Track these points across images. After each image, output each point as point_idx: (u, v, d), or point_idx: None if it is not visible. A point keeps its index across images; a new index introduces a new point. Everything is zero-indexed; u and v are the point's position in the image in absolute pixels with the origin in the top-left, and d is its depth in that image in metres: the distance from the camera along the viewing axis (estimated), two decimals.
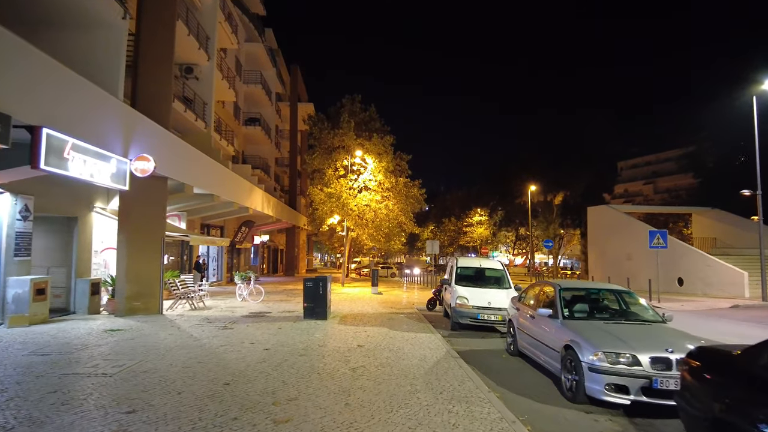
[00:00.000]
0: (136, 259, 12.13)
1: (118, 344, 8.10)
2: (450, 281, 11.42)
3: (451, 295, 10.71)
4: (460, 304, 10.23)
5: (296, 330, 9.89)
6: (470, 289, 10.70)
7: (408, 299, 18.54)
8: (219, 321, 11.20)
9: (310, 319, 11.38)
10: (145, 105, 12.12)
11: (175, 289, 13.79)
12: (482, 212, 51.28)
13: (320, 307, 11.42)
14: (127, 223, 12.12)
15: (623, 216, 27.02)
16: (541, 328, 6.66)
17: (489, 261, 12.31)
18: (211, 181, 16.57)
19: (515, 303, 8.49)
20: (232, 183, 19.35)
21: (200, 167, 15.58)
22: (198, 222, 21.20)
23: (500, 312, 10.03)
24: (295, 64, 42.79)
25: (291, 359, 7.09)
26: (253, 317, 11.97)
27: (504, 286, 11.23)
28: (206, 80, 20.12)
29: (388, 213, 26.21)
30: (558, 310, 6.37)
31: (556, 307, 6.45)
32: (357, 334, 9.50)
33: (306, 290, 11.44)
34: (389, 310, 14.05)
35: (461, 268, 11.69)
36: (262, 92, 31.47)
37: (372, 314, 12.99)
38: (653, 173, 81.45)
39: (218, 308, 14.08)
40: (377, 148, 25.89)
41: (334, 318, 11.93)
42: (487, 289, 10.85)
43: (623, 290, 7.14)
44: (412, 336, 9.39)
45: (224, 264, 26.00)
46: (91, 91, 9.09)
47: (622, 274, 26.07)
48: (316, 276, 11.62)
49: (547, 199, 42.66)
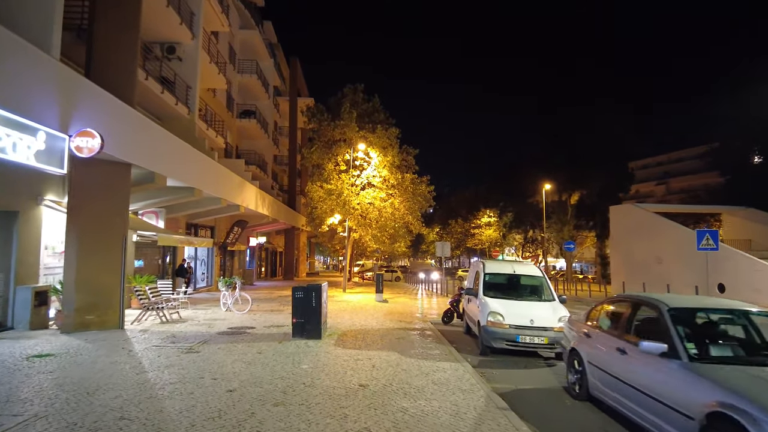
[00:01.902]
0: (89, 263, 9.88)
1: (28, 381, 5.82)
2: (476, 291, 9.08)
3: (480, 310, 8.38)
4: (493, 322, 7.89)
5: (279, 356, 7.59)
6: (504, 302, 8.35)
7: (419, 309, 16.19)
8: (187, 340, 8.92)
9: (299, 338, 9.08)
10: (102, 75, 9.89)
11: (143, 297, 11.54)
12: (491, 213, 48.79)
13: (313, 322, 9.12)
14: (77, 219, 9.87)
15: (652, 215, 24.59)
16: (641, 370, 4.36)
17: (524, 266, 9.95)
18: (191, 173, 14.33)
19: (576, 325, 6.17)
20: (219, 177, 17.11)
21: (177, 155, 13.34)
22: (182, 221, 18.96)
23: (545, 333, 7.71)
24: (295, 57, 40.61)
25: (260, 413, 4.79)
26: (231, 334, 9.68)
27: (546, 298, 8.88)
28: (190, 61, 17.90)
29: (394, 212, 23.84)
30: (677, 346, 4.04)
31: (670, 339, 4.12)
32: (358, 363, 7.19)
33: (295, 302, 9.14)
34: (398, 325, 11.72)
35: (490, 275, 9.33)
36: (257, 83, 29.28)
37: (377, 330, 10.67)
38: (665, 173, 79.35)
39: (195, 321, 11.81)
40: (381, 141, 23.52)
41: (331, 336, 9.62)
42: (525, 303, 8.52)
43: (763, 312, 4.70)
44: (432, 367, 7.06)
45: (215, 268, 23.72)
46: (9, 42, 6.85)
47: (650, 279, 23.67)
48: (307, 284, 9.30)
49: (562, 198, 40.23)
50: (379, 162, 23.57)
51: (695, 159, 66.86)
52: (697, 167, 65.00)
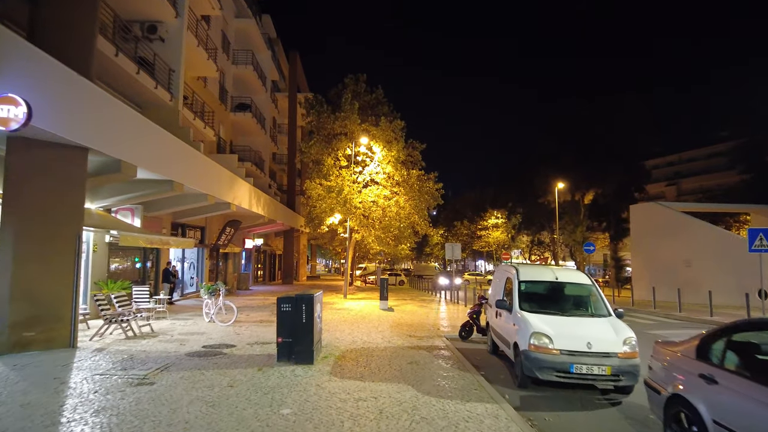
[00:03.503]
0: (28, 268, 8.06)
1: None
2: (508, 304, 7.16)
3: (518, 330, 6.48)
4: (537, 346, 5.97)
5: (256, 392, 5.72)
6: (550, 319, 6.42)
7: (429, 319, 14.29)
8: (146, 364, 7.07)
9: (286, 362, 7.19)
10: (47, 38, 8.10)
11: (104, 307, 9.71)
12: (498, 214, 46.76)
13: (303, 343, 7.23)
14: (14, 213, 8.03)
15: (680, 215, 22.61)
16: None
17: (568, 271, 7.99)
18: (170, 164, 12.52)
19: (670, 355, 4.29)
20: (206, 171, 15.29)
21: (151, 143, 11.52)
22: (167, 220, 17.13)
23: (608, 361, 5.80)
24: (295, 51, 38.85)
25: None
26: (202, 356, 7.81)
27: (599, 312, 6.95)
28: (174, 42, 16.11)
29: (399, 211, 21.92)
30: None
31: None
32: (360, 406, 5.31)
33: (281, 317, 7.26)
34: (408, 341, 9.83)
35: (526, 284, 7.29)
36: (253, 75, 27.50)
37: (384, 350, 8.78)
38: (675, 174, 77.47)
39: (167, 335, 9.96)
40: (386, 134, 21.65)
41: (326, 359, 7.72)
42: (576, 320, 6.59)
43: None
44: (462, 412, 5.18)
45: (206, 271, 21.86)
46: None
47: (677, 283, 21.66)
48: (297, 294, 7.40)
49: (575, 198, 38.19)
50: (383, 157, 21.71)
51: (709, 158, 65.03)
52: (710, 167, 63.13)
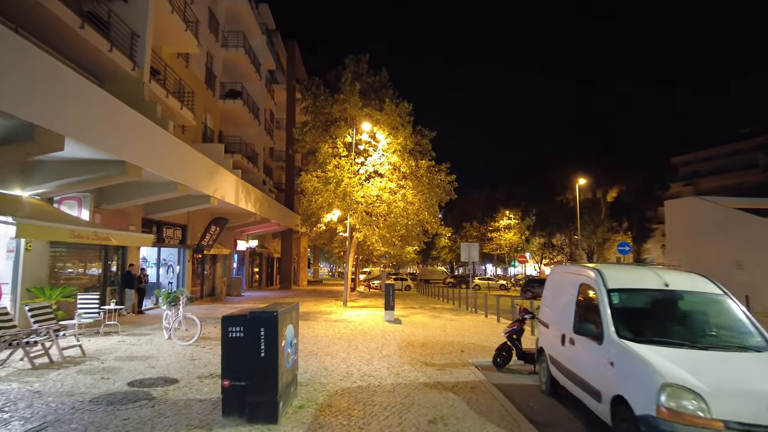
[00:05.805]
0: None
1: None
2: (598, 328, 4.36)
3: (624, 373, 3.72)
4: (676, 411, 3.22)
5: None
6: (683, 356, 3.66)
7: (446, 335, 11.51)
8: (11, 422, 4.39)
9: (235, 420, 4.48)
10: None
11: (41, 319, 7.12)
12: (511, 214, 43.85)
13: (262, 388, 4.52)
14: None
15: (730, 210, 19.71)
16: None
17: (679, 275, 5.04)
18: (121, 140, 9.89)
19: None
20: (174, 154, 12.66)
21: (88, 109, 8.89)
22: (136, 215, 14.50)
23: None
24: (293, 40, 36.38)
25: None
26: (115, 403, 5.12)
27: (750, 341, 4.19)
28: (139, 3, 13.57)
29: (407, 206, 19.16)
30: None
31: None
32: None
33: (228, 347, 4.56)
34: (424, 374, 7.08)
35: (620, 294, 4.50)
36: (245, 60, 24.98)
37: (390, 392, 6.03)
38: (693, 173, 74.41)
39: (96, 361, 7.33)
40: (390, 119, 18.90)
41: (301, 413, 4.98)
42: (723, 355, 3.83)
43: None
44: None
45: (188, 276, 19.20)
46: None
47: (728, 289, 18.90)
48: (251, 311, 4.67)
49: (596, 195, 35.31)
50: (388, 145, 19.00)
51: (728, 157, 62.13)
52: (728, 165, 60.27)
